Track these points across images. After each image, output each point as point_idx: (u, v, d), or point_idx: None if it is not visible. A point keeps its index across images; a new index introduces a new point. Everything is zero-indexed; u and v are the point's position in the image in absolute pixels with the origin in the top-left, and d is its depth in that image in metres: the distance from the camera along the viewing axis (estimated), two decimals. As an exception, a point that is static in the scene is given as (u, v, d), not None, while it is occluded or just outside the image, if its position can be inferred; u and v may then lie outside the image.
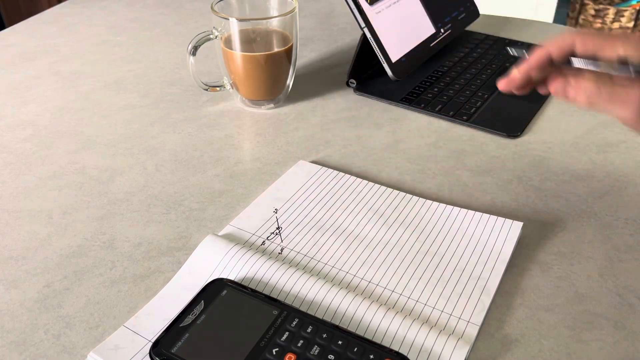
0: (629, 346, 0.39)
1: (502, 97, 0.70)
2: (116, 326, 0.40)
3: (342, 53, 0.83)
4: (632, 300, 0.43)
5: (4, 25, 2.05)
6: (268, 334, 0.37)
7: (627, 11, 2.40)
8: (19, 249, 0.47)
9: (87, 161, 0.58)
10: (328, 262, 0.45)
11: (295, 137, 0.63)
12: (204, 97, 0.71)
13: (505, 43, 0.84)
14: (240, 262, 0.44)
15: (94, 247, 0.47)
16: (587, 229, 0.50)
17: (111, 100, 0.70)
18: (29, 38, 0.88)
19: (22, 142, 0.61)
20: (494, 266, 0.45)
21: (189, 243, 0.48)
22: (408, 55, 0.72)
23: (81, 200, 0.53)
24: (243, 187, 0.55)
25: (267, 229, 0.49)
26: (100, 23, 0.94)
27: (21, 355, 0.38)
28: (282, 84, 0.68)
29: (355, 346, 0.36)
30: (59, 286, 0.43)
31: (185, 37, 0.88)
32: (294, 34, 0.65)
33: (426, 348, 0.37)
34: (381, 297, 0.42)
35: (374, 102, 0.70)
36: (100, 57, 0.82)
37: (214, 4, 0.64)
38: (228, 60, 0.65)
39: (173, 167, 0.58)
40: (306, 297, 0.41)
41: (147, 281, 0.44)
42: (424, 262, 0.45)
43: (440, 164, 0.58)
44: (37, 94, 0.71)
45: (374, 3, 0.68)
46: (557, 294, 0.43)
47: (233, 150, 0.60)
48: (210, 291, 0.40)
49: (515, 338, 0.40)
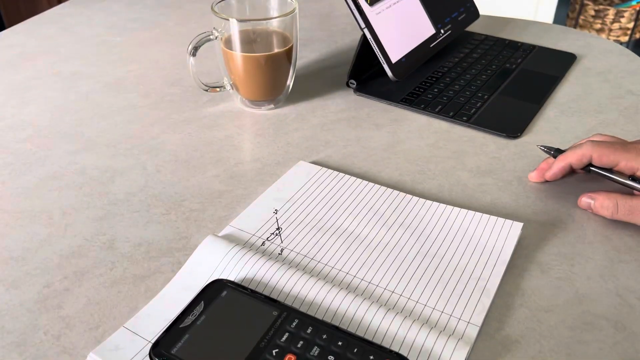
0: (629, 347, 0.39)
1: (502, 98, 0.70)
2: (116, 327, 0.40)
3: (342, 53, 0.83)
4: (632, 301, 0.43)
5: (4, 26, 2.05)
6: (268, 334, 0.37)
7: (627, 11, 2.40)
8: (18, 250, 0.47)
9: (87, 161, 0.58)
10: (328, 262, 0.45)
11: (295, 137, 0.63)
12: (204, 98, 0.71)
13: (505, 44, 0.84)
14: (240, 262, 0.44)
15: (94, 248, 0.47)
16: (587, 230, 0.50)
17: (111, 101, 0.70)
18: (29, 38, 0.88)
19: (22, 142, 0.61)
20: (494, 267, 0.45)
21: (189, 243, 0.48)
22: (408, 55, 0.72)
23: (81, 200, 0.53)
24: (243, 187, 0.55)
25: (267, 230, 0.49)
26: (100, 23, 0.94)
27: (21, 356, 0.38)
28: (282, 84, 0.68)
29: (355, 347, 0.36)
30: (59, 287, 0.43)
31: (186, 37, 0.88)
32: (294, 34, 0.65)
33: (426, 349, 0.37)
34: (381, 297, 0.42)
35: (374, 102, 0.70)
36: (100, 57, 0.82)
37: (214, 4, 0.64)
38: (228, 61, 0.65)
39: (173, 167, 0.58)
40: (306, 297, 0.41)
41: (147, 282, 0.44)
42: (424, 262, 0.45)
43: (440, 165, 0.58)
44: (37, 94, 0.71)
45: (374, 4, 0.68)
46: (557, 294, 0.43)
47: (233, 151, 0.60)
48: (210, 292, 0.40)
49: (515, 339, 0.40)
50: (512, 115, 0.67)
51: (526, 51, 0.82)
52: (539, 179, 0.55)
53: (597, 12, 2.44)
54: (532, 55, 0.81)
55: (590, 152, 0.50)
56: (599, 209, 0.50)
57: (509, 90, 0.72)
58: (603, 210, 0.49)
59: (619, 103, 0.70)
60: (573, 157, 0.51)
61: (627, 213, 0.48)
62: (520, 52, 0.81)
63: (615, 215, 0.48)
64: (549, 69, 0.77)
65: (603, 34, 2.47)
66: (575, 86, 0.74)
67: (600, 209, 0.49)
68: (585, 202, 0.51)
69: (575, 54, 0.82)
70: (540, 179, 0.55)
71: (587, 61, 0.81)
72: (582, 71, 0.78)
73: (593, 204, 0.50)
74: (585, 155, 0.50)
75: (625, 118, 0.67)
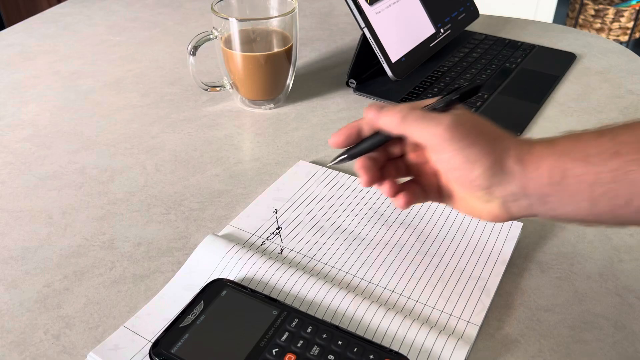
0: (629, 346, 0.39)
1: (502, 97, 0.70)
2: (116, 326, 0.40)
3: (342, 53, 0.83)
4: (632, 300, 0.43)
5: (4, 25, 2.04)
6: (268, 334, 0.37)
7: (627, 11, 2.40)
8: (18, 249, 0.47)
9: (86, 161, 0.58)
10: (328, 262, 0.45)
11: (295, 137, 0.63)
12: (203, 97, 0.71)
13: (505, 43, 0.84)
14: (240, 262, 0.43)
15: (93, 247, 0.47)
16: (587, 229, 0.49)
17: (111, 100, 0.70)
18: (28, 38, 0.88)
19: (22, 142, 0.61)
20: (494, 266, 0.45)
21: (189, 243, 0.48)
22: (408, 55, 0.72)
23: (81, 200, 0.53)
24: (243, 187, 0.55)
25: (267, 229, 0.49)
26: (100, 23, 0.94)
27: (21, 355, 0.38)
28: (282, 84, 0.68)
29: (355, 346, 0.36)
30: (58, 286, 0.43)
31: (185, 37, 0.88)
32: (294, 34, 0.65)
33: (426, 348, 0.37)
34: (381, 297, 0.42)
35: (373, 102, 0.70)
36: (100, 57, 0.82)
37: (214, 4, 0.64)
38: (228, 60, 0.65)
39: (173, 167, 0.58)
40: (306, 297, 0.41)
41: (147, 281, 0.44)
42: (423, 262, 0.45)
43: (440, 164, 0.58)
44: (37, 93, 0.71)
45: (374, 3, 0.68)
46: (557, 294, 0.43)
47: (233, 150, 0.60)
48: (210, 291, 0.40)
49: (515, 338, 0.40)
50: (512, 114, 0.67)
51: (526, 51, 0.82)
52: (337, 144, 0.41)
53: (596, 12, 2.44)
54: (532, 54, 0.81)
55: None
56: (386, 117, 0.39)
57: (509, 90, 0.72)
58: (389, 117, 0.39)
59: (618, 102, 0.70)
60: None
61: (415, 119, 0.38)
62: (520, 52, 0.81)
63: (401, 123, 0.38)
64: (549, 68, 0.77)
65: (603, 33, 2.47)
66: (575, 85, 0.74)
67: (387, 118, 0.39)
68: (372, 113, 0.40)
69: (575, 54, 0.82)
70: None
71: (587, 60, 0.81)
72: (582, 70, 0.78)
73: (382, 113, 0.39)
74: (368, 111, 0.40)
75: (625, 117, 0.67)
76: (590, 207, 0.35)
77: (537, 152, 0.36)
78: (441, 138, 0.37)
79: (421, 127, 0.37)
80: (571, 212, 0.36)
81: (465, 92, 0.39)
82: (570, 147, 0.35)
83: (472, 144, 0.36)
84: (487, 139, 0.37)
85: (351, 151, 0.41)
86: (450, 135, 0.36)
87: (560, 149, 0.35)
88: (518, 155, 0.36)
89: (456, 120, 0.37)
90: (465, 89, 0.38)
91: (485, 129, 0.38)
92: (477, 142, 0.36)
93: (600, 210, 0.35)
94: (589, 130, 0.36)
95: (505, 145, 0.37)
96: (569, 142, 0.35)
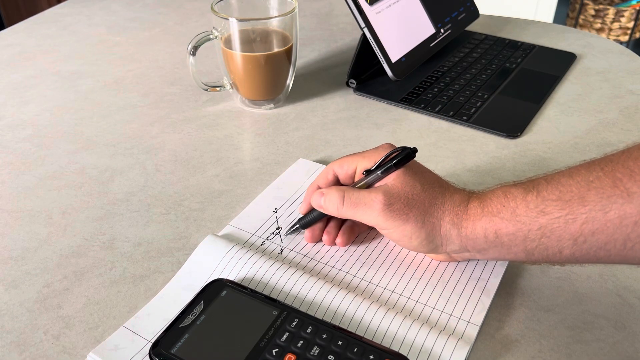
0: (629, 346, 0.39)
1: (502, 97, 0.70)
2: (116, 326, 0.40)
3: (342, 53, 0.83)
4: (632, 300, 0.43)
5: (4, 25, 2.04)
6: (268, 334, 0.37)
7: (627, 11, 2.40)
8: (18, 249, 0.47)
9: (86, 161, 0.58)
10: (328, 262, 0.45)
11: (295, 137, 0.63)
12: (203, 97, 0.71)
13: (505, 43, 0.84)
14: (240, 262, 0.43)
15: (93, 248, 0.47)
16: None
17: (111, 100, 0.70)
18: (28, 38, 0.88)
19: (22, 142, 0.61)
20: (494, 266, 0.45)
21: (189, 243, 0.48)
22: (408, 55, 0.72)
23: (81, 200, 0.53)
24: (243, 187, 0.55)
25: (267, 229, 0.49)
26: (100, 23, 0.94)
27: (21, 356, 0.38)
28: (282, 84, 0.67)
29: (355, 346, 0.36)
30: (58, 286, 0.43)
31: (185, 37, 0.88)
32: (294, 34, 0.65)
33: (426, 348, 0.37)
34: (381, 297, 0.42)
35: (373, 102, 0.70)
36: (100, 57, 0.82)
37: (214, 4, 0.64)
38: (228, 60, 0.65)
39: (173, 167, 0.58)
40: (306, 297, 0.41)
41: (146, 281, 0.44)
42: (423, 262, 0.45)
43: (440, 164, 0.58)
44: (37, 93, 0.71)
45: (374, 3, 0.68)
46: (557, 294, 0.43)
47: (233, 151, 0.60)
48: (210, 291, 0.40)
49: (515, 338, 0.40)
50: (512, 114, 0.67)
51: (526, 51, 0.82)
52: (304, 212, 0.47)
53: (597, 12, 2.44)
54: (532, 54, 0.81)
55: (330, 167, 0.46)
56: (327, 204, 0.43)
57: (509, 90, 0.72)
58: (330, 204, 0.43)
59: (619, 102, 0.70)
60: (319, 178, 0.47)
61: (351, 206, 0.42)
62: (520, 52, 0.81)
63: (341, 209, 0.42)
64: (549, 68, 0.77)
65: (603, 33, 2.47)
66: (575, 86, 0.74)
67: (328, 205, 0.43)
68: (316, 200, 0.44)
69: (575, 54, 0.82)
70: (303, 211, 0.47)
71: (587, 61, 0.81)
72: (582, 71, 0.78)
73: (323, 200, 0.44)
74: (328, 171, 0.46)
75: (625, 117, 0.67)
76: (526, 256, 0.39)
77: (472, 214, 0.40)
78: (375, 222, 0.41)
79: (358, 213, 0.42)
80: (512, 259, 0.41)
81: (400, 160, 0.42)
82: (499, 207, 0.39)
83: (404, 222, 0.40)
84: (418, 212, 0.41)
85: (301, 221, 0.47)
86: (383, 218, 0.41)
87: (492, 209, 0.39)
88: (453, 221, 0.40)
89: (387, 201, 0.41)
90: (400, 157, 0.42)
91: (417, 199, 0.41)
92: (409, 219, 0.40)
93: (536, 258, 0.39)
94: (519, 184, 0.39)
95: (439, 215, 0.41)
96: (499, 202, 0.39)
